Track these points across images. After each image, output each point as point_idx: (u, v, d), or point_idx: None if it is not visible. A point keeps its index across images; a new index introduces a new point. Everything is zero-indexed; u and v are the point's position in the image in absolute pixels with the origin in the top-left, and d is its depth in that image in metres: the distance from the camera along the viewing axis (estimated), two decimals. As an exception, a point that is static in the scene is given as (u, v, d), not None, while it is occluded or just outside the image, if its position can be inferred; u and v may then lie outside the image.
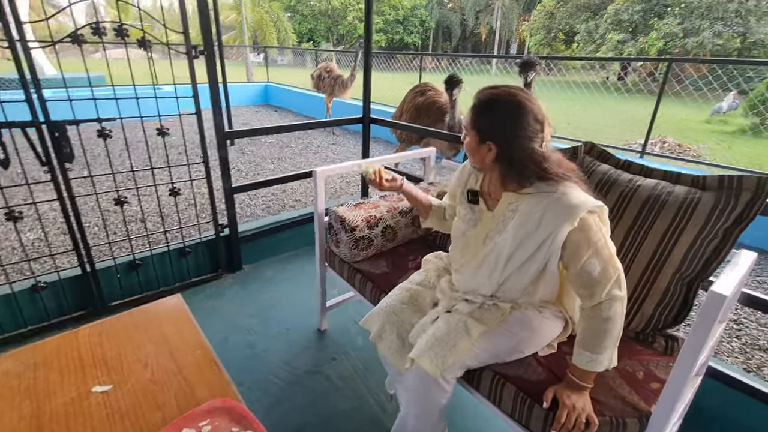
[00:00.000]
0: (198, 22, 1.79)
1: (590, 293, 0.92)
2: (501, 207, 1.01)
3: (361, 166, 1.30)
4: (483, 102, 0.95)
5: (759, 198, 1.04)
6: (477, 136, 0.96)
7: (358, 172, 1.30)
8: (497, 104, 0.93)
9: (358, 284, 1.54)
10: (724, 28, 14.42)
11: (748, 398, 1.25)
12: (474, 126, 0.97)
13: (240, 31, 12.26)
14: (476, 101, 0.96)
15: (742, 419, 1.31)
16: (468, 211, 1.10)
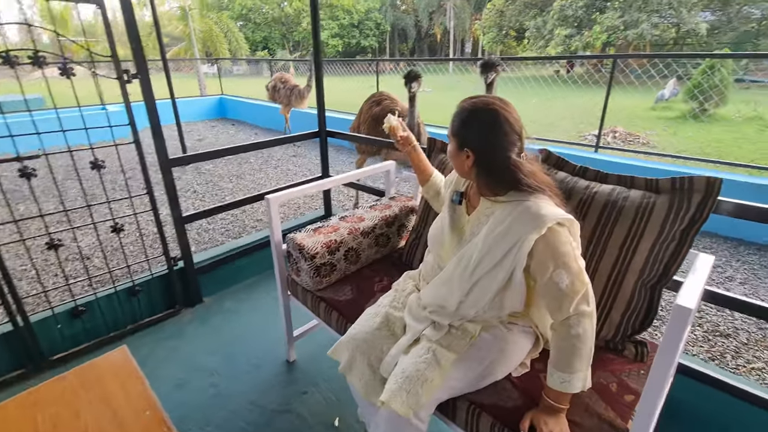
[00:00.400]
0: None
1: (558, 306, 0.90)
2: (478, 212, 1.02)
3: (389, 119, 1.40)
4: (463, 111, 0.98)
5: (709, 198, 1.05)
6: (456, 142, 0.99)
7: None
8: (476, 114, 0.96)
9: (323, 314, 1.46)
10: (660, 19, 15.36)
11: (717, 392, 1.27)
12: (454, 133, 1.00)
13: (189, 42, 11.79)
14: (457, 110, 1.00)
15: (713, 412, 1.33)
16: (450, 210, 1.12)
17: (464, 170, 1.01)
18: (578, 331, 0.88)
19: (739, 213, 1.15)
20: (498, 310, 1.03)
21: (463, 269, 1.00)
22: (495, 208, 0.98)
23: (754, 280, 2.36)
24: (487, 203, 1.01)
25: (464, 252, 1.01)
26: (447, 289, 1.04)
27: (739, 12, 16.57)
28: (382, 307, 1.20)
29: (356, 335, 1.13)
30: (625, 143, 6.27)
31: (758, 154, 5.38)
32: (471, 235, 1.02)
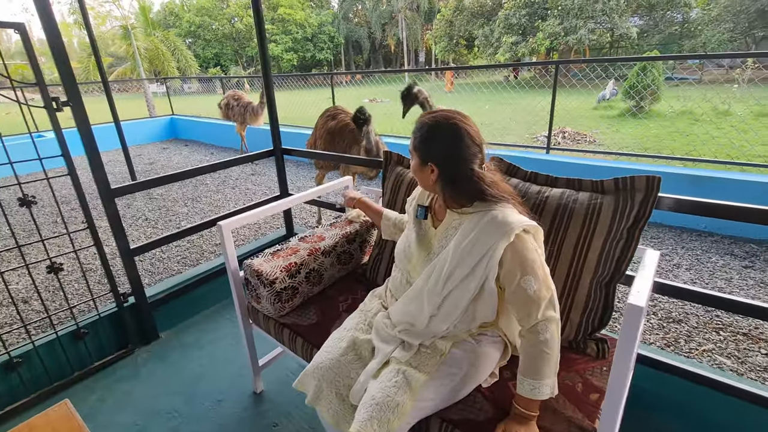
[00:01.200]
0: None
1: (527, 313, 0.91)
2: (445, 225, 1.03)
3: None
4: (423, 126, 0.99)
5: (650, 196, 1.11)
6: (419, 157, 1.00)
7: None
8: (436, 128, 0.97)
9: (288, 341, 1.39)
10: (595, 25, 16.48)
11: (674, 378, 1.33)
12: (416, 148, 1.00)
13: (134, 62, 11.28)
14: (417, 125, 1.00)
15: (673, 398, 1.39)
16: (416, 226, 1.12)
17: (429, 184, 1.01)
18: (546, 336, 0.90)
19: (677, 207, 1.22)
20: (469, 323, 1.03)
21: (434, 283, 0.99)
22: (462, 220, 0.99)
23: (697, 266, 2.53)
24: (453, 215, 1.02)
25: (434, 265, 1.01)
26: (417, 305, 1.03)
27: (663, 17, 18.11)
28: (347, 331, 1.16)
29: (321, 363, 1.08)
30: (574, 142, 6.61)
31: (691, 147, 5.83)
32: (439, 248, 1.02)
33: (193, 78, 16.57)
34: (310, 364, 1.11)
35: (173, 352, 1.95)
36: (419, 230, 1.10)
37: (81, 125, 1.63)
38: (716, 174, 2.91)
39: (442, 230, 1.04)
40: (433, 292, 0.99)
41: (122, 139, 4.03)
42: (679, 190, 3.01)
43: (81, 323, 1.79)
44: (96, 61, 3.75)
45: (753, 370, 1.67)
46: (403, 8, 29.36)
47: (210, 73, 27.52)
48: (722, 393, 1.26)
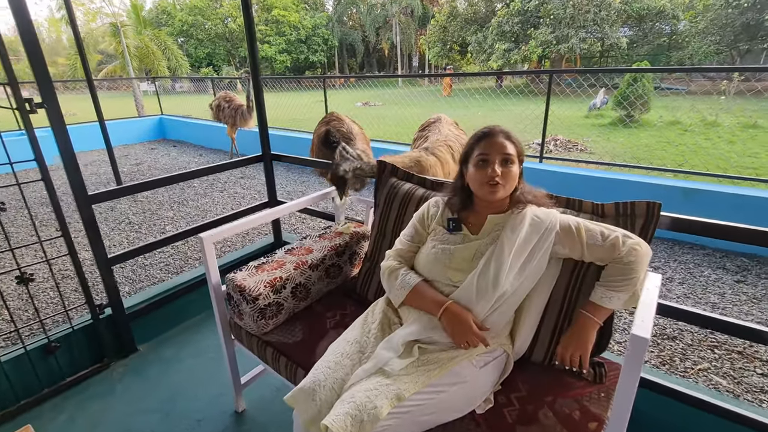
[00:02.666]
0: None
1: (610, 255, 1.01)
2: (487, 228, 1.10)
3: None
4: (507, 130, 1.10)
5: (651, 223, 1.08)
6: (518, 160, 1.09)
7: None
8: (512, 132, 1.10)
9: (271, 360, 1.32)
10: (587, 34, 16.69)
11: (670, 400, 1.29)
12: (518, 154, 1.09)
13: (123, 61, 11.05)
14: (505, 131, 1.09)
15: (670, 421, 1.35)
16: (448, 237, 1.15)
17: (515, 181, 1.09)
18: (631, 259, 0.98)
19: (674, 226, 1.18)
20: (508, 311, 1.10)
21: (492, 275, 1.03)
22: (504, 221, 1.09)
23: (690, 279, 2.51)
24: (495, 218, 1.11)
25: (487, 259, 1.05)
26: (475, 302, 1.05)
27: (652, 28, 18.44)
28: (350, 344, 1.09)
29: (324, 383, 0.98)
30: (566, 150, 6.64)
31: (681, 157, 5.89)
32: (486, 245, 1.08)
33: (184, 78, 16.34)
34: (308, 380, 1.01)
35: (151, 366, 1.86)
36: (456, 240, 1.13)
37: (57, 129, 1.54)
38: (708, 187, 2.91)
39: (485, 232, 1.11)
40: (496, 284, 1.02)
41: (107, 140, 3.91)
42: (671, 202, 3.02)
43: (53, 336, 1.70)
44: (81, 59, 3.63)
45: (749, 390, 1.64)
46: (397, 13, 29.47)
47: (202, 73, 27.24)
48: (721, 418, 1.22)
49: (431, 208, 1.24)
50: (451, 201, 1.20)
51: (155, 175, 5.47)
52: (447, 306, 1.05)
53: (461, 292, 1.07)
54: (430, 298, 1.09)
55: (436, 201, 1.25)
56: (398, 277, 1.17)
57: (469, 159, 1.13)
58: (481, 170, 1.07)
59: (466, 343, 1.02)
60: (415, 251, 1.23)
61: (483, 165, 1.07)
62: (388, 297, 1.22)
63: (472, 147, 1.12)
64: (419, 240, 1.23)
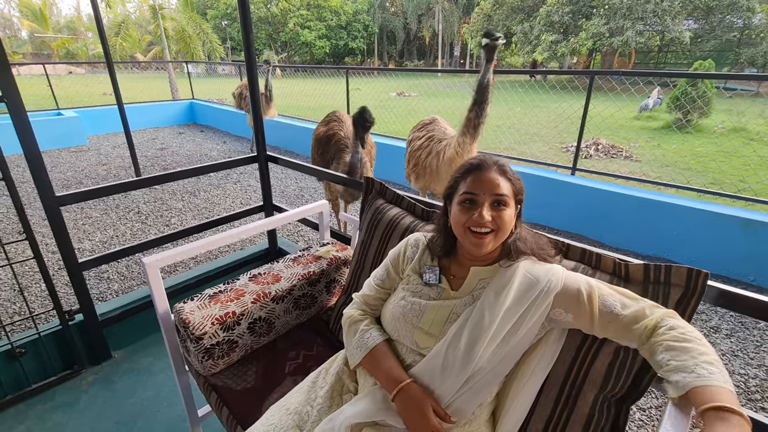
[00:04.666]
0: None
1: (633, 321, 0.74)
2: (469, 283, 0.89)
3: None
4: (503, 163, 0.87)
5: (693, 296, 0.80)
6: (516, 201, 0.87)
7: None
8: (508, 166, 0.88)
9: (215, 406, 1.16)
10: (644, 27, 15.39)
11: None
12: (515, 194, 0.86)
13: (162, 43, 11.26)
14: (499, 164, 0.86)
15: None
16: (422, 288, 0.93)
17: (509, 229, 0.86)
18: (672, 324, 0.71)
19: (725, 303, 0.89)
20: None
21: (467, 348, 0.80)
22: (491, 276, 0.87)
23: (741, 331, 2.09)
24: (480, 272, 0.88)
25: (455, 333, 0.83)
26: (440, 379, 0.82)
27: (721, 21, 16.72)
28: (289, 415, 0.91)
29: None
30: (608, 156, 6.08)
31: (743, 172, 5.21)
32: (463, 305, 0.86)
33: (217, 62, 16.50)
34: None
35: (123, 376, 1.77)
36: (431, 294, 0.91)
37: (18, 125, 1.42)
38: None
39: (467, 290, 0.88)
40: (468, 358, 0.80)
41: (126, 127, 3.89)
42: (725, 236, 2.55)
43: (17, 342, 1.62)
44: (100, 36, 3.60)
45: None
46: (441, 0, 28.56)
47: (242, 57, 27.70)
48: None
49: (409, 248, 1.01)
50: (433, 242, 0.97)
51: (176, 162, 5.49)
52: (403, 387, 0.83)
53: (425, 364, 0.85)
54: (385, 371, 0.87)
55: (416, 240, 1.02)
56: (357, 332, 0.96)
57: (453, 196, 0.89)
58: (466, 212, 0.84)
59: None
60: (384, 299, 1.01)
61: (469, 206, 0.84)
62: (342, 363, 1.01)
63: (458, 182, 0.88)
64: (390, 285, 1.01)
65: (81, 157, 5.68)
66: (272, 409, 0.94)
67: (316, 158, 2.35)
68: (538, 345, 0.86)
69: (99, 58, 22.99)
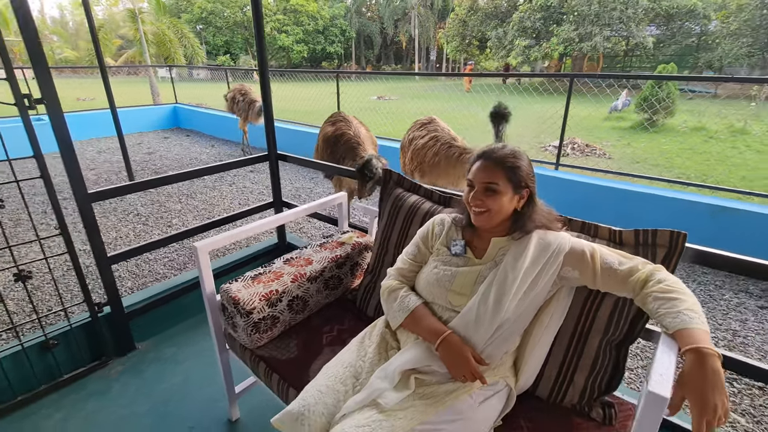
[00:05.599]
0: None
1: (628, 274, 0.91)
2: (491, 251, 1.04)
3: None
4: (507, 157, 1.00)
5: (674, 253, 0.99)
6: (512, 188, 1.00)
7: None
8: (519, 156, 1.01)
9: (263, 375, 1.28)
10: (611, 32, 16.20)
11: None
12: (510, 180, 0.99)
13: (139, 47, 11.09)
14: (499, 157, 1.00)
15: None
16: (451, 258, 1.09)
17: (507, 214, 1.02)
18: (660, 277, 0.88)
19: (702, 260, 1.09)
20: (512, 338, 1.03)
21: (495, 301, 0.97)
22: (509, 245, 1.03)
23: (710, 303, 2.38)
24: (500, 241, 1.04)
25: (490, 283, 0.99)
26: (474, 329, 0.99)
27: (681, 27, 17.79)
28: (345, 368, 1.04)
29: (314, 407, 0.94)
30: (583, 154, 6.45)
31: (705, 166, 5.66)
32: (488, 269, 1.02)
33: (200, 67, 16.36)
34: (297, 403, 0.96)
35: (150, 365, 1.85)
36: (459, 262, 1.07)
37: (56, 125, 1.51)
38: (738, 205, 2.72)
39: (489, 257, 1.05)
40: (497, 310, 0.96)
41: (119, 130, 3.91)
42: (695, 221, 2.84)
43: (50, 334, 1.68)
44: (94, 44, 3.61)
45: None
46: (416, 5, 29.07)
47: (218, 61, 27.35)
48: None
49: (436, 226, 1.18)
50: (458, 217, 1.14)
51: (166, 165, 5.49)
52: (445, 337, 0.99)
53: (460, 318, 1.01)
54: (427, 326, 1.03)
55: (441, 219, 1.18)
56: (397, 298, 1.11)
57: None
58: (467, 193, 1.04)
59: (463, 377, 0.96)
60: (417, 270, 1.17)
61: (469, 189, 1.03)
62: (386, 318, 1.16)
63: (470, 165, 1.06)
64: (421, 259, 1.17)
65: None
66: (328, 365, 1.08)
67: (324, 158, 2.48)
68: (551, 301, 1.04)
69: (66, 62, 22.22)
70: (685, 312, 0.80)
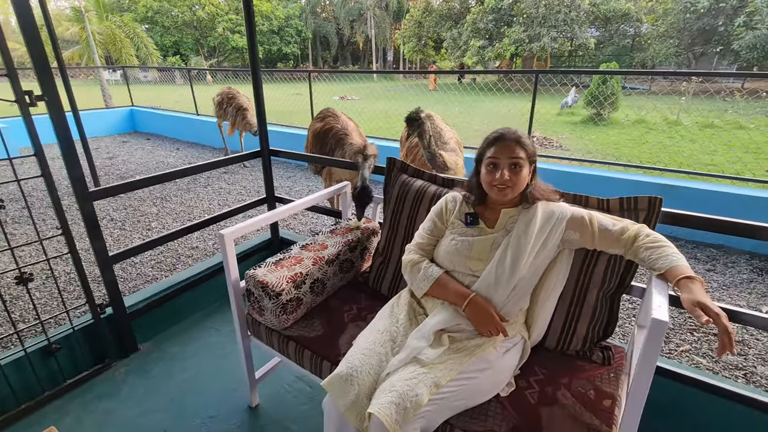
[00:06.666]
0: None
1: (621, 233, 1.08)
2: (502, 221, 1.18)
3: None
4: (520, 135, 1.14)
5: (653, 215, 1.18)
6: (529, 161, 1.14)
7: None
8: (525, 135, 1.15)
9: (294, 354, 1.35)
10: (557, 34, 17.23)
11: (663, 379, 1.41)
12: (530, 156, 1.15)
13: (86, 47, 10.38)
14: (516, 136, 1.13)
15: (667, 399, 1.47)
16: (466, 230, 1.22)
17: (525, 184, 1.15)
18: (647, 232, 1.07)
19: (675, 221, 1.30)
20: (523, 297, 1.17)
21: (510, 261, 1.10)
22: (517, 214, 1.17)
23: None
24: (510, 211, 1.18)
25: (505, 248, 1.12)
26: (494, 289, 1.12)
27: (617, 29, 19.25)
28: (380, 333, 1.14)
29: (361, 368, 1.03)
30: (543, 147, 6.89)
31: (648, 155, 6.25)
32: (502, 236, 1.15)
33: (153, 67, 15.57)
34: (344, 366, 1.04)
35: (155, 365, 1.84)
36: (474, 233, 1.20)
37: (57, 123, 1.49)
38: (682, 183, 3.12)
39: (501, 225, 1.18)
40: (514, 270, 1.10)
41: (81, 133, 3.72)
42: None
43: (53, 337, 1.64)
44: (52, 44, 3.43)
45: (726, 368, 1.82)
46: (372, 6, 29.29)
47: (168, 62, 26.08)
48: (702, 391, 1.34)
49: (449, 203, 1.30)
50: (468, 197, 1.27)
51: (132, 170, 5.26)
52: (471, 298, 1.12)
53: (481, 281, 1.14)
54: (453, 290, 1.16)
55: (453, 197, 1.31)
56: (421, 269, 1.23)
57: (482, 160, 1.19)
58: (491, 173, 1.14)
59: (489, 332, 1.09)
60: (434, 244, 1.29)
61: (493, 169, 1.14)
62: (411, 289, 1.27)
63: (485, 150, 1.18)
64: (438, 233, 1.29)
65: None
66: (364, 333, 1.18)
67: (314, 152, 2.53)
68: (555, 264, 1.20)
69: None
70: (673, 255, 1.00)
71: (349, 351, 1.12)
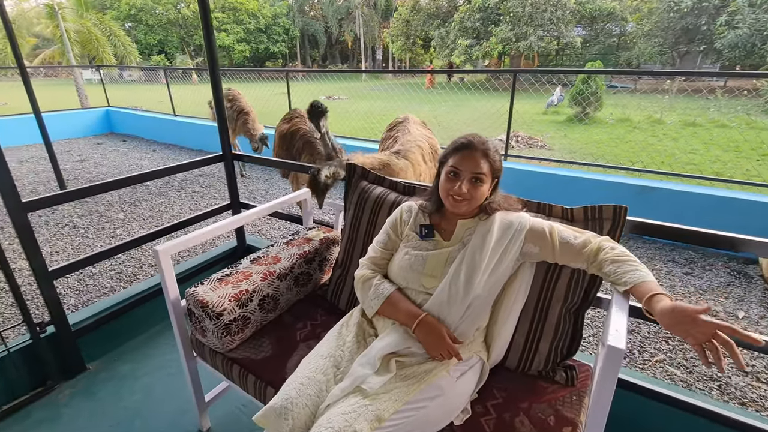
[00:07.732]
0: None
1: (582, 246, 1.01)
2: (458, 233, 1.10)
3: None
4: (489, 147, 1.06)
5: (618, 225, 1.11)
6: (491, 177, 1.07)
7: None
8: (493, 146, 1.08)
9: (238, 378, 1.25)
10: (544, 33, 17.30)
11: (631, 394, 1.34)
12: (496, 171, 1.08)
13: (62, 46, 10.05)
14: (484, 147, 1.05)
15: (632, 415, 1.41)
16: (420, 243, 1.13)
17: (484, 198, 1.08)
18: (612, 245, 0.99)
19: (642, 230, 1.22)
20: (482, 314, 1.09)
21: (466, 276, 1.02)
22: (474, 226, 1.09)
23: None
24: (466, 223, 1.10)
25: (460, 262, 1.05)
26: (447, 308, 1.04)
27: (603, 29, 19.41)
28: (324, 359, 1.04)
29: (296, 400, 0.93)
30: (527, 146, 6.85)
31: (631, 153, 6.25)
32: (457, 251, 1.07)
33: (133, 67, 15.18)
34: (279, 398, 0.95)
35: (104, 386, 1.72)
36: (428, 246, 1.12)
37: (-20, 128, 1.35)
38: (658, 184, 3.08)
39: (457, 238, 1.10)
40: (468, 288, 1.02)
41: (45, 134, 3.55)
42: (625, 199, 3.17)
43: (-16, 361, 1.52)
44: (10, 42, 3.25)
45: (700, 380, 1.76)
46: (360, 4, 29.12)
47: (153, 61, 25.64)
48: (675, 408, 1.28)
49: (404, 213, 1.21)
50: (424, 205, 1.18)
51: (102, 173, 5.07)
52: (422, 318, 1.03)
53: (434, 300, 1.05)
54: (404, 310, 1.07)
55: (409, 206, 1.22)
56: (372, 286, 1.14)
57: (443, 165, 1.10)
58: (450, 182, 1.06)
59: (440, 355, 1.00)
60: (388, 258, 1.20)
61: (453, 177, 1.06)
62: (362, 307, 1.18)
63: (448, 155, 1.10)
64: (392, 246, 1.20)
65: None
66: (307, 358, 1.08)
67: (281, 154, 2.43)
68: (515, 278, 1.11)
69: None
70: (641, 269, 0.93)
71: (289, 378, 1.02)
